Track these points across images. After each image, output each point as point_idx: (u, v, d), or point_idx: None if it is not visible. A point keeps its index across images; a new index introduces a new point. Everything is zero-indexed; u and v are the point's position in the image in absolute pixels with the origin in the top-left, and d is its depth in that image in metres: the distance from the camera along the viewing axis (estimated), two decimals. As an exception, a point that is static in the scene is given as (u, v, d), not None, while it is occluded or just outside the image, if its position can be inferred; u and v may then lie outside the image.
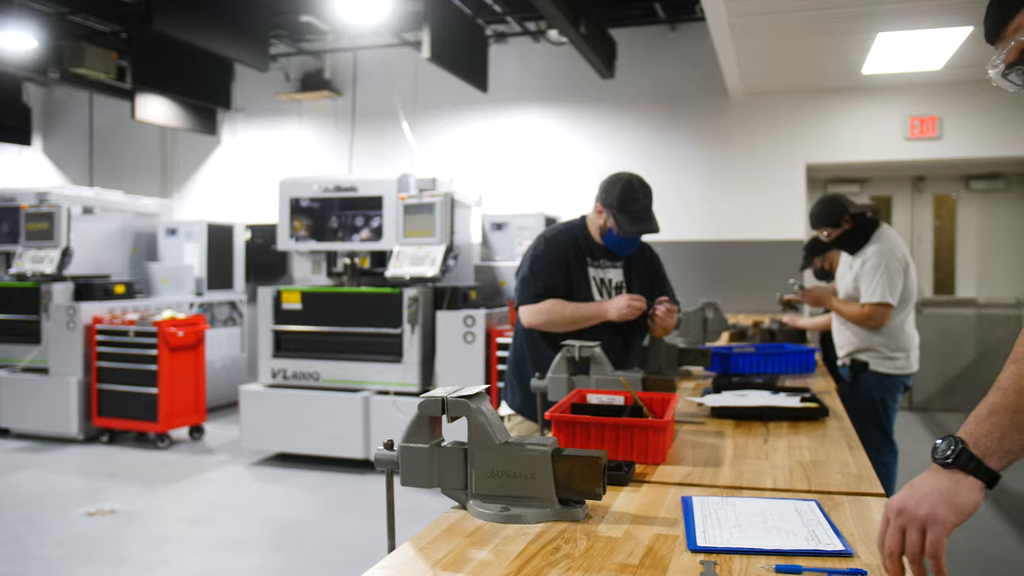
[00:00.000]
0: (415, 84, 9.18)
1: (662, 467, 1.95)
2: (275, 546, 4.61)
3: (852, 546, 1.38)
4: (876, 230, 4.16)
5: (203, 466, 6.33)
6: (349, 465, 6.11)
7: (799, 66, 7.46)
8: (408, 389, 5.99)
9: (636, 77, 8.61)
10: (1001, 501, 5.27)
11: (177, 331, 6.77)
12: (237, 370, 8.53)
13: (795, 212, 8.24)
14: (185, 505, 5.44)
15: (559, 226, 3.16)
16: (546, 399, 2.52)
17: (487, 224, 7.33)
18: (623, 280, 3.13)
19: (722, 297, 4.87)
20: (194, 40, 6.56)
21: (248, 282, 9.18)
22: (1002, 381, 1.21)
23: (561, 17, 6.40)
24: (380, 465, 1.61)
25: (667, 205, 8.06)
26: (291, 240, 6.63)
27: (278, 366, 6.33)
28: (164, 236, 8.64)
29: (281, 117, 10.03)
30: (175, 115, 9.38)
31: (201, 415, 7.13)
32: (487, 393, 1.63)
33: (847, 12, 5.84)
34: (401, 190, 6.35)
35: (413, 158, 9.22)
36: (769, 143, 8.35)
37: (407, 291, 5.99)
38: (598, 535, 1.47)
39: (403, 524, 1.64)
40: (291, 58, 9.70)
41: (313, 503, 5.40)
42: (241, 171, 10.20)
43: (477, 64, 7.94)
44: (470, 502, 1.58)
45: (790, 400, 2.64)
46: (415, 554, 1.39)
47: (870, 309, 4.03)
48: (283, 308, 6.30)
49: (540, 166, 8.96)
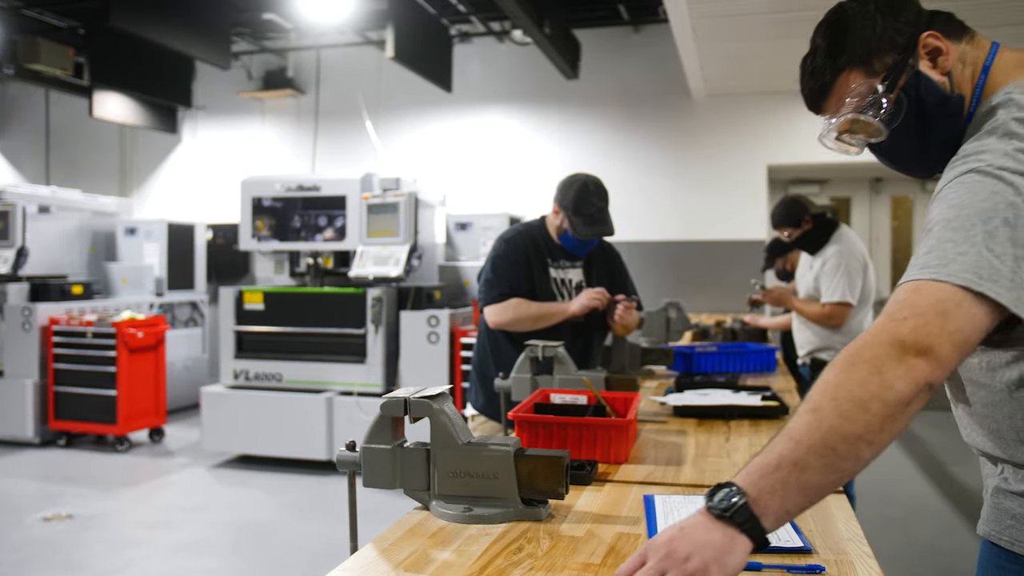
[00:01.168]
0: (379, 83, 9.13)
1: (625, 466, 1.96)
2: (237, 549, 4.56)
3: (810, 542, 1.40)
4: (836, 231, 4.22)
5: (163, 469, 6.24)
6: (312, 467, 6.07)
7: (761, 68, 7.54)
8: (372, 390, 5.96)
9: (600, 78, 8.65)
10: (952, 493, 5.37)
11: (136, 332, 6.67)
12: (198, 371, 8.43)
13: (756, 213, 8.33)
14: (145, 509, 5.36)
15: (518, 227, 3.16)
16: (510, 399, 2.52)
17: (451, 224, 7.32)
18: (583, 280, 3.14)
19: (684, 297, 4.92)
20: (153, 37, 6.46)
21: (209, 282, 9.08)
22: (794, 430, 1.05)
23: (525, 17, 6.41)
24: (342, 466, 1.60)
25: (630, 205, 8.15)
26: (253, 240, 6.56)
27: (240, 367, 6.26)
28: (123, 236, 8.51)
29: (243, 115, 9.93)
30: (134, 113, 9.24)
31: (161, 417, 7.03)
32: (450, 393, 1.63)
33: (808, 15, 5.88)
34: (365, 190, 6.32)
35: (377, 158, 9.18)
36: (731, 144, 8.44)
37: (371, 291, 5.96)
38: (561, 534, 1.47)
39: (367, 525, 1.63)
40: (253, 56, 9.60)
41: (275, 505, 5.36)
42: (202, 170, 10.07)
43: (441, 64, 7.92)
44: (433, 503, 1.58)
45: (751, 399, 2.66)
46: (377, 556, 1.38)
47: (830, 308, 4.09)
48: (245, 308, 6.24)
49: (504, 166, 8.97)
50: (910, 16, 1.31)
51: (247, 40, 9.23)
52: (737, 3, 5.66)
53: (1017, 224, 1.05)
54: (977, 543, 1.48)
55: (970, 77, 1.28)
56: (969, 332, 1.04)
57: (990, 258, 1.04)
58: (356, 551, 1.43)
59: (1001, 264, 1.04)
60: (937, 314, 1.03)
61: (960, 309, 1.04)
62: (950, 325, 1.03)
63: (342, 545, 1.55)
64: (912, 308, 1.05)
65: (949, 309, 1.03)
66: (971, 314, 1.04)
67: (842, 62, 1.34)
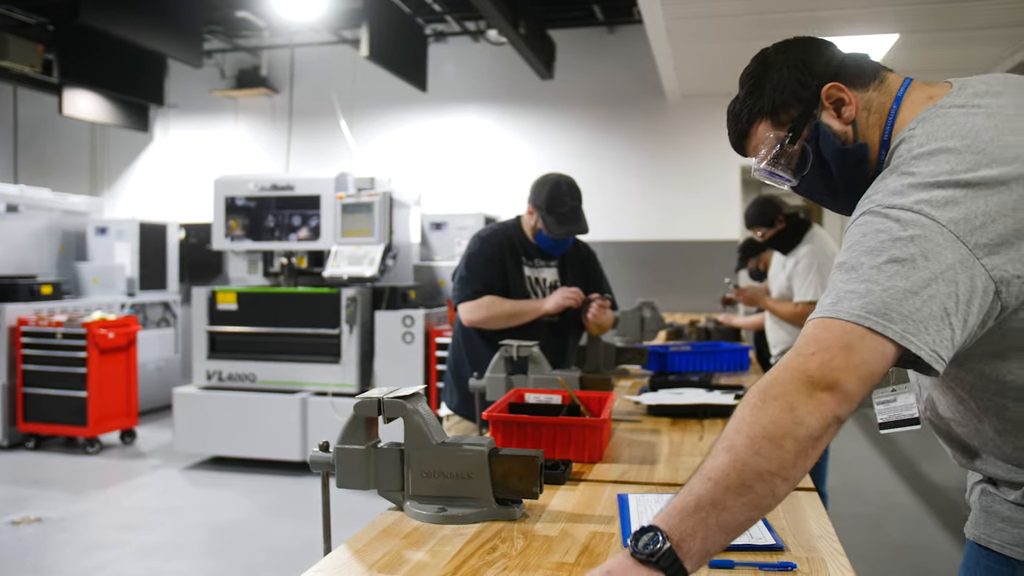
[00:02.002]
0: (353, 82, 9.09)
1: (599, 465, 1.97)
2: (210, 551, 4.52)
3: (783, 540, 1.42)
4: (808, 231, 4.25)
5: (135, 471, 6.18)
6: (286, 467, 6.03)
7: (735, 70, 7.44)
8: (346, 390, 5.94)
9: (575, 78, 8.67)
10: (923, 491, 5.44)
11: (107, 333, 6.60)
12: (170, 372, 8.35)
13: (730, 213, 8.39)
14: (116, 511, 5.30)
15: (494, 226, 3.17)
16: (484, 399, 2.52)
17: (426, 224, 7.30)
18: (557, 279, 3.15)
19: (659, 296, 4.94)
20: (123, 34, 6.39)
21: (182, 282, 8.99)
22: (711, 471, 1.04)
23: (500, 17, 6.41)
24: (315, 467, 1.60)
25: (605, 205, 8.18)
26: (226, 239, 6.51)
27: (213, 368, 6.21)
28: (94, 235, 8.41)
29: (216, 114, 9.84)
30: (105, 111, 9.13)
31: (133, 419, 6.96)
32: (424, 393, 1.63)
33: (780, 17, 5.96)
34: (339, 189, 6.29)
35: (351, 157, 9.14)
36: (705, 145, 8.49)
37: (345, 291, 5.94)
38: (535, 534, 1.48)
39: (342, 526, 1.63)
40: (226, 54, 9.53)
41: (249, 507, 5.32)
42: (175, 169, 9.98)
43: (416, 63, 7.90)
44: (407, 503, 1.58)
45: (725, 397, 2.68)
46: (351, 556, 1.38)
47: (803, 308, 4.12)
48: (218, 309, 6.19)
49: (479, 166, 8.97)
50: (819, 67, 1.36)
51: (220, 38, 9.15)
52: (711, 5, 5.69)
53: (903, 259, 1.08)
54: (947, 540, 1.52)
55: (876, 123, 1.32)
56: (873, 364, 1.06)
57: (879, 293, 1.07)
58: (330, 552, 1.42)
59: (889, 298, 1.07)
60: (842, 348, 1.06)
61: (864, 342, 1.06)
62: (855, 358, 1.05)
63: (316, 546, 1.54)
64: (818, 343, 1.08)
65: (853, 342, 1.06)
66: (873, 347, 1.06)
67: (754, 112, 1.41)
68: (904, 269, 1.08)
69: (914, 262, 1.07)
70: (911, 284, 1.07)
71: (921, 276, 1.07)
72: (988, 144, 1.14)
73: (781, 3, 5.70)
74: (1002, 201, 1.09)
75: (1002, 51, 6.86)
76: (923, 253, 1.07)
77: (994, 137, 1.14)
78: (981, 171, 1.11)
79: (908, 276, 1.07)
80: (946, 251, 1.07)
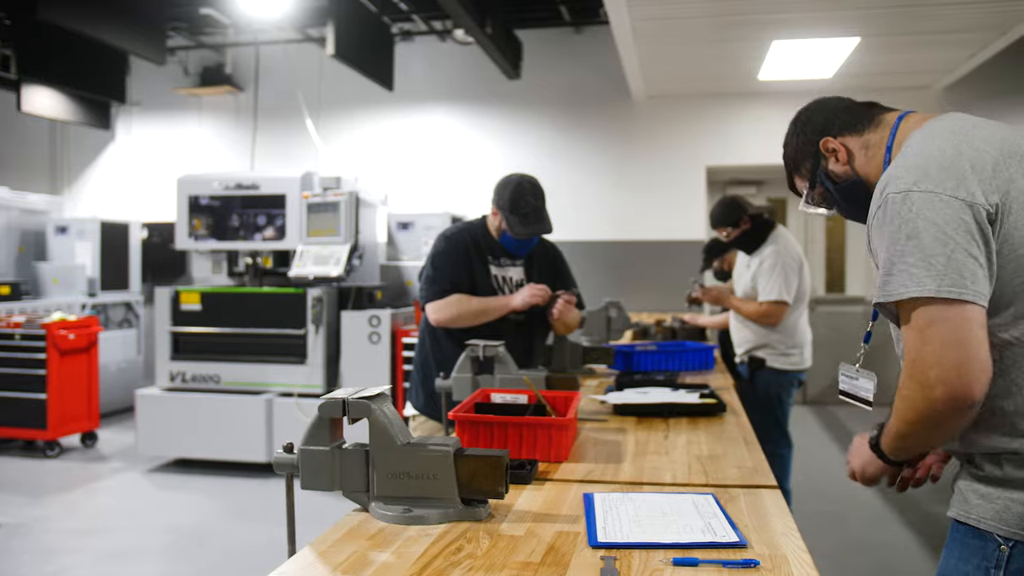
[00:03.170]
0: (319, 81, 9.03)
1: (565, 465, 1.97)
2: (174, 555, 4.47)
3: (746, 537, 1.43)
4: (772, 231, 4.30)
5: (96, 474, 6.08)
6: (252, 469, 5.97)
7: (699, 71, 7.66)
8: (313, 391, 5.90)
9: (542, 78, 8.69)
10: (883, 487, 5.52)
11: (68, 334, 6.49)
12: (133, 374, 8.23)
13: (696, 213, 8.46)
14: (76, 515, 5.21)
15: (460, 225, 3.16)
16: (451, 399, 2.52)
17: (393, 223, 7.27)
18: (523, 278, 3.16)
19: (625, 296, 4.96)
20: (84, 30, 6.28)
21: (145, 282, 8.87)
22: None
23: (467, 17, 6.40)
24: (279, 469, 1.58)
25: (571, 205, 8.21)
26: (190, 239, 6.44)
27: (176, 369, 6.14)
28: (54, 234, 8.26)
29: (180, 112, 9.72)
30: (65, 108, 8.97)
31: (94, 421, 6.85)
32: (390, 394, 1.62)
33: (744, 19, 6.02)
34: (305, 188, 6.24)
35: (317, 156, 9.07)
36: (671, 145, 8.55)
37: (311, 291, 5.90)
38: (500, 534, 1.48)
39: (309, 528, 1.61)
40: (190, 51, 9.41)
41: (214, 509, 5.26)
42: (137, 167, 9.83)
43: (383, 62, 7.86)
44: (372, 504, 1.57)
45: (690, 396, 2.70)
46: (315, 558, 1.37)
47: (767, 307, 4.17)
48: (182, 309, 6.11)
49: (446, 165, 8.95)
50: (818, 126, 1.71)
51: (183, 35, 9.04)
52: (677, 6, 5.73)
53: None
54: (908, 537, 1.65)
55: (876, 156, 1.62)
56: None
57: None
58: (294, 554, 1.41)
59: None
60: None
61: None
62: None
63: (281, 549, 1.52)
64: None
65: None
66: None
67: (787, 169, 1.85)
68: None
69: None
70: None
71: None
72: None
73: (743, 6, 5.75)
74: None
75: (961, 55, 6.98)
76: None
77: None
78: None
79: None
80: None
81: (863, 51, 6.75)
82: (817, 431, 7.41)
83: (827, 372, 8.51)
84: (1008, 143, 1.44)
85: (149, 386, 6.38)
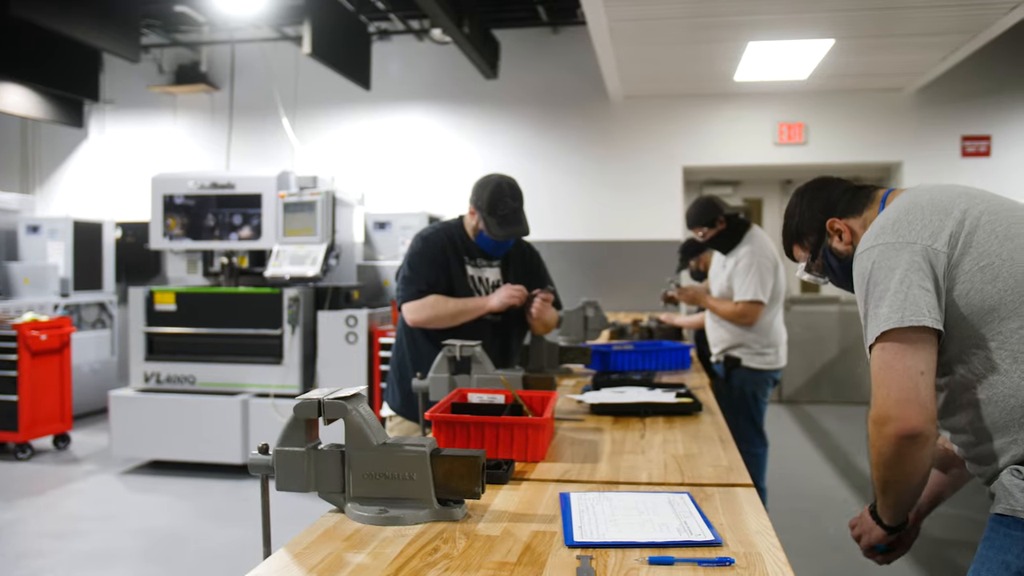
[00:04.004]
0: (296, 80, 8.98)
1: (541, 464, 1.98)
2: (148, 558, 4.42)
3: (721, 535, 1.44)
4: (748, 231, 4.33)
5: (69, 477, 6.01)
6: (227, 471, 5.93)
7: (676, 72, 7.69)
8: (289, 391, 5.86)
9: (519, 78, 8.69)
10: (859, 485, 5.58)
11: (39, 334, 6.41)
12: (107, 375, 8.14)
13: (672, 213, 8.50)
14: (49, 518, 5.15)
15: (436, 225, 3.15)
16: (427, 399, 2.51)
17: (370, 223, 7.25)
18: (500, 278, 3.15)
19: (602, 296, 4.98)
20: (56, 26, 6.20)
21: (119, 282, 8.77)
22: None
23: (444, 16, 6.39)
24: (254, 470, 1.57)
25: (548, 205, 8.22)
26: (165, 239, 6.38)
27: (151, 370, 6.08)
28: (25, 234, 8.15)
29: (154, 110, 9.63)
30: (37, 105, 8.85)
31: (67, 423, 6.77)
32: (365, 394, 1.62)
33: (720, 21, 6.06)
34: (281, 188, 6.21)
35: (294, 156, 9.02)
36: (648, 146, 8.58)
37: (287, 291, 5.86)
38: (477, 534, 1.48)
39: (286, 530, 1.60)
40: (165, 49, 9.32)
41: (189, 511, 5.22)
42: (111, 166, 9.72)
43: (360, 61, 7.83)
44: (348, 505, 1.56)
45: (666, 396, 2.72)
46: (290, 560, 1.36)
47: (743, 307, 4.19)
48: (156, 309, 6.05)
49: (423, 165, 8.93)
50: (824, 207, 1.85)
51: (158, 32, 8.95)
52: (653, 7, 5.76)
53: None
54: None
55: None
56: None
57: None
58: (269, 556, 1.40)
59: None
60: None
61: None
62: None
63: (257, 551, 1.52)
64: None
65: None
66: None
67: (788, 238, 1.96)
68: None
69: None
70: None
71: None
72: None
73: (718, 7, 5.79)
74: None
75: (933, 57, 7.07)
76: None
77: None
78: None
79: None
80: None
81: (837, 53, 6.81)
82: (792, 430, 7.47)
83: (802, 371, 8.64)
84: (967, 192, 1.63)
85: (123, 387, 6.32)
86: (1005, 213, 1.57)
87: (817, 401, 8.69)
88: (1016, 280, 1.50)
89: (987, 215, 1.56)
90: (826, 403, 8.53)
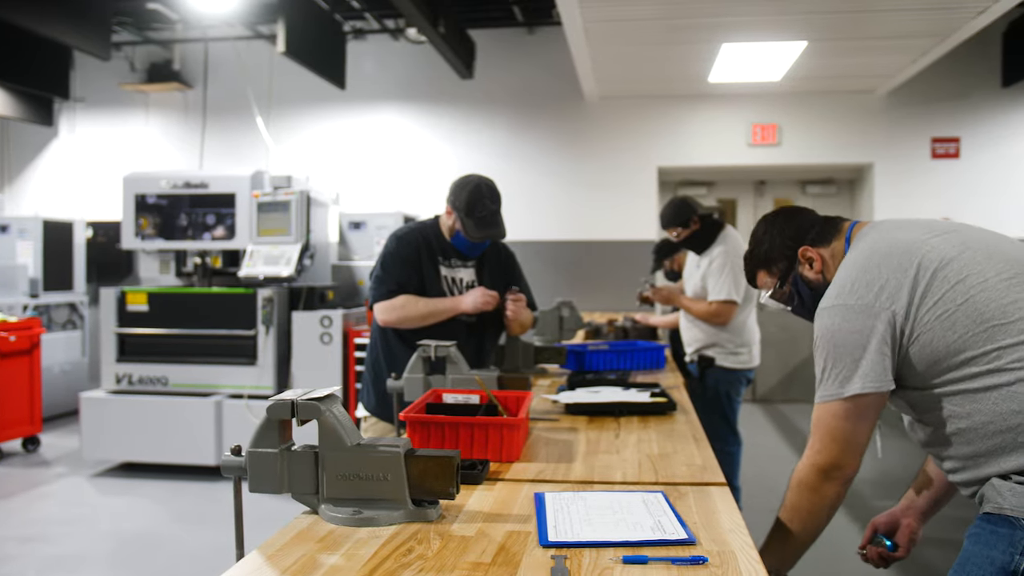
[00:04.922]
0: (270, 79, 8.92)
1: (516, 464, 1.98)
2: (120, 562, 4.37)
3: (695, 534, 1.45)
4: (722, 231, 4.36)
5: (38, 479, 5.93)
6: (201, 473, 5.88)
7: (651, 72, 7.73)
8: (263, 392, 5.82)
9: (495, 78, 8.69)
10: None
11: (8, 335, 6.32)
12: (77, 376, 8.05)
13: (647, 213, 8.54)
14: (17, 522, 5.08)
15: (412, 225, 3.15)
16: (402, 399, 2.51)
17: (345, 223, 7.22)
18: (474, 279, 3.14)
19: (577, 296, 4.99)
20: (25, 23, 6.11)
21: (90, 283, 8.67)
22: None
23: (419, 16, 6.38)
24: (227, 471, 1.56)
25: (523, 205, 8.22)
26: (137, 239, 6.31)
27: (123, 371, 6.02)
28: (-7, 233, 8.05)
29: (126, 109, 9.52)
30: (5, 103, 8.73)
31: (36, 425, 6.68)
32: (339, 394, 1.61)
33: (694, 22, 6.09)
34: (255, 187, 6.16)
35: (268, 155, 8.96)
36: (623, 146, 8.61)
37: (261, 291, 5.82)
38: (451, 534, 1.47)
39: (260, 532, 1.59)
40: (137, 47, 9.22)
41: (162, 514, 5.17)
42: (82, 165, 9.60)
43: (335, 60, 7.80)
44: (322, 506, 1.55)
45: (641, 395, 2.73)
46: (263, 562, 1.35)
47: (717, 306, 4.22)
48: (128, 310, 5.99)
49: (399, 165, 8.90)
50: (795, 235, 1.89)
51: (129, 30, 8.85)
52: (628, 8, 5.78)
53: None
54: (855, 532, 1.78)
55: (839, 262, 1.81)
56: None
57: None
58: (242, 558, 1.39)
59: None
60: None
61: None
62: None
63: (229, 553, 1.50)
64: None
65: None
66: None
67: (754, 264, 1.99)
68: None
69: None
70: None
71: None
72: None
73: (692, 9, 5.82)
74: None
75: (903, 60, 7.15)
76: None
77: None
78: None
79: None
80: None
81: (810, 55, 6.87)
82: (766, 429, 7.53)
83: (776, 370, 8.71)
84: (926, 233, 1.69)
85: (94, 389, 6.25)
86: (958, 250, 1.63)
87: (790, 400, 8.77)
88: (972, 320, 1.56)
89: (941, 262, 1.62)
90: (799, 402, 8.60)
